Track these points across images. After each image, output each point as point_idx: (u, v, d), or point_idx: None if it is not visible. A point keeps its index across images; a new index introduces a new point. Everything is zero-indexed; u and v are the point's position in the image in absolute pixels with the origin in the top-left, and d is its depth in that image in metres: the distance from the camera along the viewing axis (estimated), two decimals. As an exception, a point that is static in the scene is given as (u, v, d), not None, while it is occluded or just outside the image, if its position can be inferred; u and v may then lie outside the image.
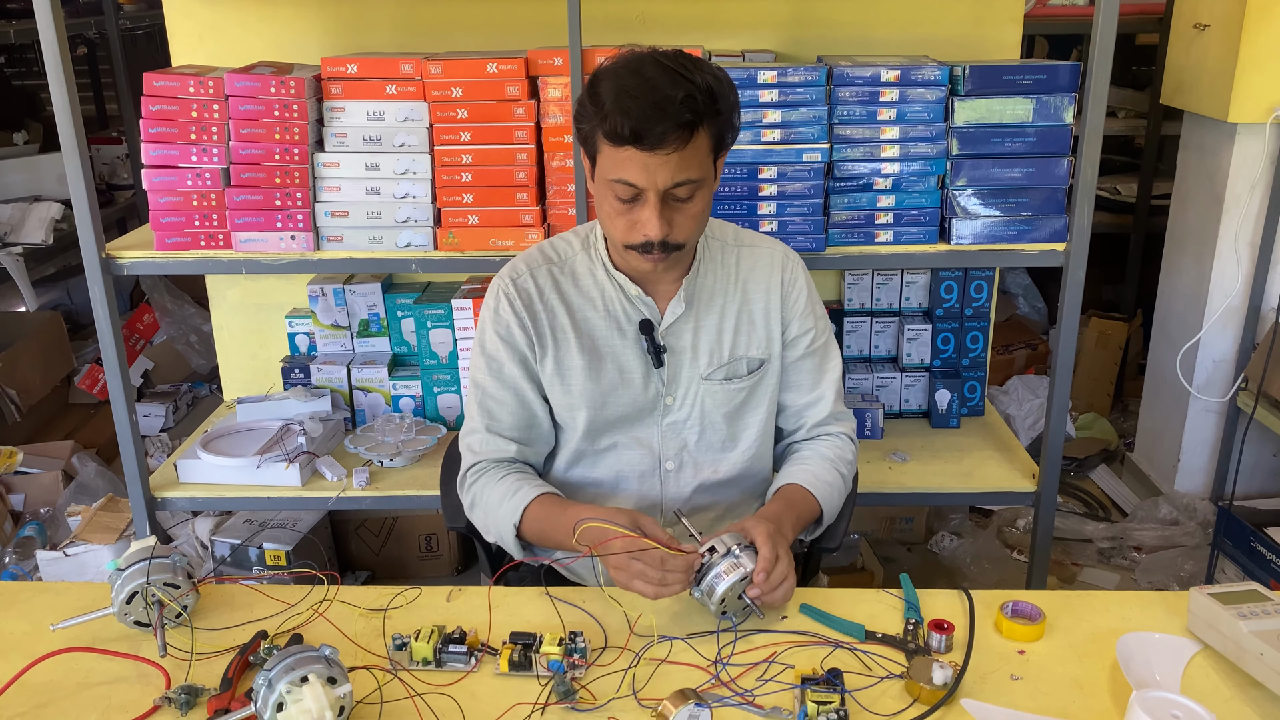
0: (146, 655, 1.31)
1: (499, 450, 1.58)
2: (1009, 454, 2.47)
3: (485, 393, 1.59)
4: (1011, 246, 2.19)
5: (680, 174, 1.39)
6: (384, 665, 1.28)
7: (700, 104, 1.36)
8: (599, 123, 1.38)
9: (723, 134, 1.44)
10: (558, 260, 1.60)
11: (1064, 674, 1.27)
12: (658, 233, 1.42)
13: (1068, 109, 2.12)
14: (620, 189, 1.41)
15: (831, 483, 1.60)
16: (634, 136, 1.36)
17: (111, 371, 2.28)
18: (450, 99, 2.19)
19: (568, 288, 1.58)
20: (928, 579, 2.86)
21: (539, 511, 1.48)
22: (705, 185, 1.44)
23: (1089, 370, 3.89)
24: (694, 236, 1.48)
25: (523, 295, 1.57)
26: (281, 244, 2.24)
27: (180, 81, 2.17)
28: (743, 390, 1.60)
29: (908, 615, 1.38)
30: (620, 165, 1.39)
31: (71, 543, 2.70)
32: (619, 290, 1.57)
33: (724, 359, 1.59)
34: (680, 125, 1.35)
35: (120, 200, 4.68)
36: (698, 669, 1.28)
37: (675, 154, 1.37)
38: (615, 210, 1.44)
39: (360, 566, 2.95)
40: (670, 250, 1.45)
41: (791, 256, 1.63)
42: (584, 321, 1.58)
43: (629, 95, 1.35)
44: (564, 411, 1.60)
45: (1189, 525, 3.00)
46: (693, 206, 1.44)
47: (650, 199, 1.40)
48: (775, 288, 1.60)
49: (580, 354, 1.57)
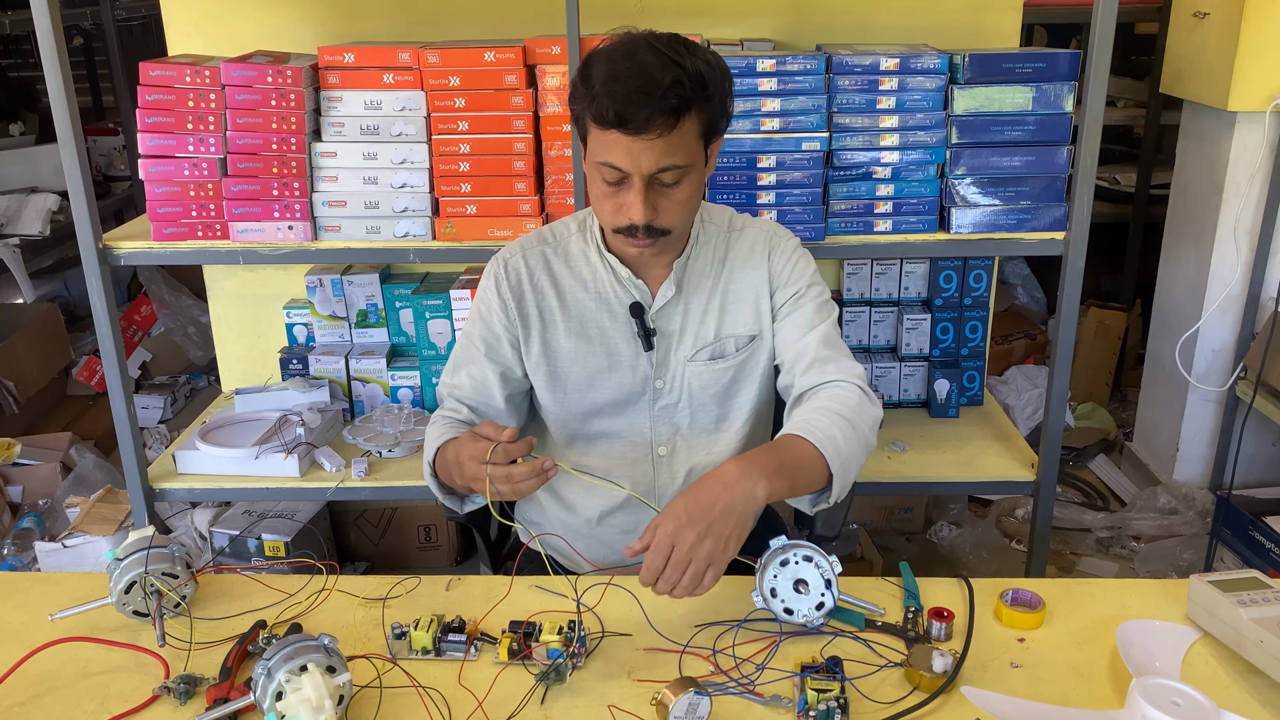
0: (145, 645, 1.31)
1: (454, 410, 1.61)
2: (1008, 443, 2.47)
3: (457, 357, 1.63)
4: (1011, 235, 2.18)
5: (665, 159, 1.38)
6: (383, 654, 1.28)
7: (688, 89, 1.35)
8: (588, 105, 1.38)
9: (713, 120, 1.43)
10: (553, 241, 1.61)
11: (1064, 661, 1.27)
12: (641, 217, 1.41)
13: (1067, 97, 2.12)
14: (607, 172, 1.41)
15: (825, 428, 1.38)
16: (619, 120, 1.35)
17: (109, 363, 2.27)
18: (448, 88, 2.18)
19: (559, 269, 1.59)
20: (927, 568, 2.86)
21: (446, 450, 1.48)
22: (693, 171, 1.43)
23: (1088, 360, 3.89)
24: (682, 222, 1.47)
25: (511, 276, 1.58)
26: (279, 234, 2.23)
27: (176, 71, 2.16)
28: (729, 369, 1.60)
29: (907, 603, 1.37)
30: (606, 148, 1.39)
31: (70, 534, 2.69)
32: (610, 272, 1.57)
33: (709, 339, 1.58)
34: (666, 111, 1.35)
35: (117, 191, 4.67)
36: (697, 656, 1.28)
37: (660, 139, 1.37)
38: (603, 193, 1.44)
39: (359, 557, 2.94)
40: (656, 235, 1.45)
41: (781, 231, 1.62)
42: (574, 303, 1.58)
43: (617, 79, 1.35)
44: (551, 393, 1.60)
45: (1188, 514, 3.01)
46: (679, 192, 1.43)
47: (635, 183, 1.40)
48: (762, 259, 1.59)
49: (568, 336, 1.58)
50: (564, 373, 1.59)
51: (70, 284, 4.50)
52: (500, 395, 1.60)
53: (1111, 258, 4.31)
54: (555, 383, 1.60)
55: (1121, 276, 4.30)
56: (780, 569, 1.31)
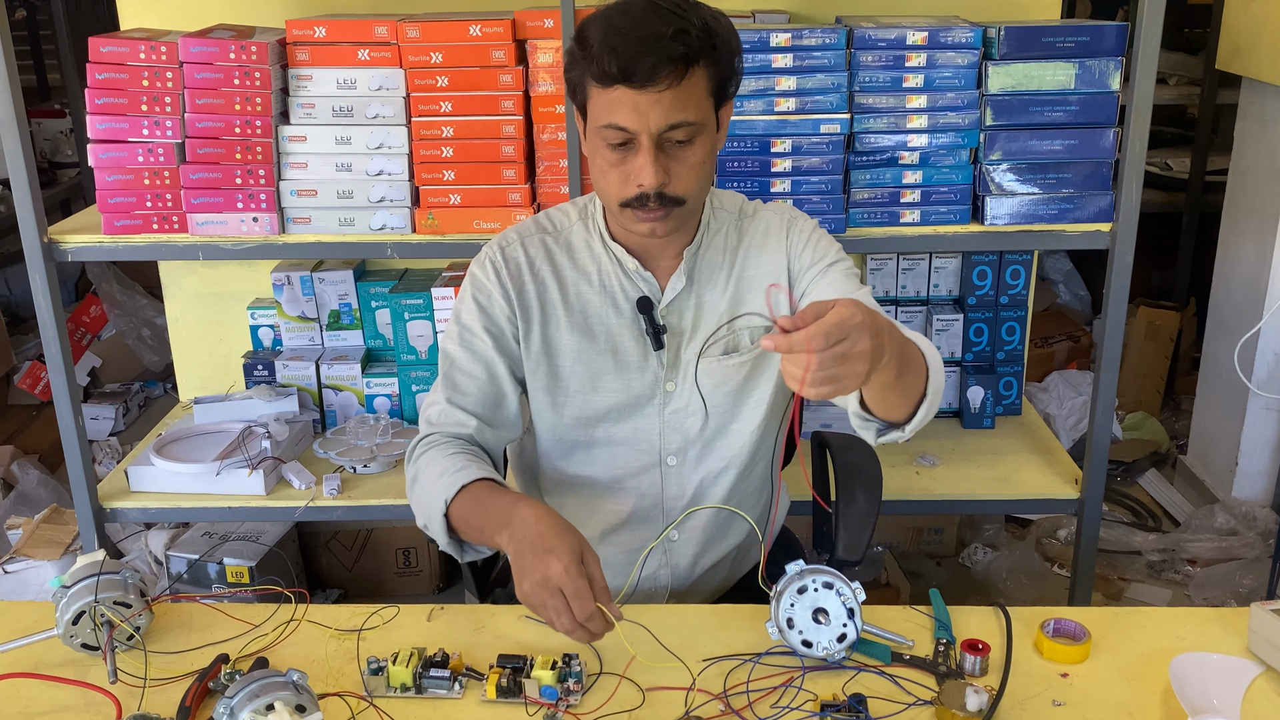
0: (95, 682, 1.30)
1: (458, 424, 1.55)
2: (1049, 457, 2.47)
3: (454, 363, 1.58)
4: (1051, 227, 2.19)
5: (675, 114, 1.39)
6: (358, 692, 1.28)
7: (695, 39, 1.37)
8: (587, 65, 1.39)
9: (723, 78, 1.44)
10: (552, 230, 1.61)
11: (1112, 699, 1.27)
12: (653, 180, 1.41)
13: (1114, 75, 2.12)
14: (611, 134, 1.41)
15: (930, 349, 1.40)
16: (623, 74, 1.36)
17: (55, 369, 2.28)
18: (429, 65, 2.18)
19: (561, 260, 1.59)
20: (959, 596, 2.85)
21: (480, 493, 1.43)
22: (705, 132, 1.44)
23: (1137, 365, 3.89)
24: (695, 191, 1.47)
25: (510, 264, 1.57)
26: (243, 226, 2.24)
27: (130, 47, 2.17)
28: (744, 365, 1.60)
29: (938, 635, 1.37)
30: (610, 108, 1.39)
31: (11, 558, 2.70)
32: (616, 264, 1.57)
33: (722, 333, 1.59)
34: (673, 59, 1.36)
35: (64, 179, 4.68)
36: (706, 694, 1.28)
37: (669, 91, 1.37)
38: (608, 163, 1.44)
39: (331, 584, 2.95)
40: (669, 205, 1.45)
41: (798, 213, 1.63)
42: (577, 297, 1.58)
43: (617, 33, 1.36)
44: (549, 397, 1.60)
45: (1248, 535, 3.01)
46: (692, 154, 1.43)
47: (644, 143, 1.40)
48: (780, 242, 1.60)
49: (570, 332, 1.57)
50: (566, 373, 1.59)
51: (11, 282, 4.50)
52: (514, 396, 1.59)
53: (1163, 251, 4.31)
54: (555, 384, 1.59)
55: (1174, 272, 4.30)
56: (798, 597, 1.31)
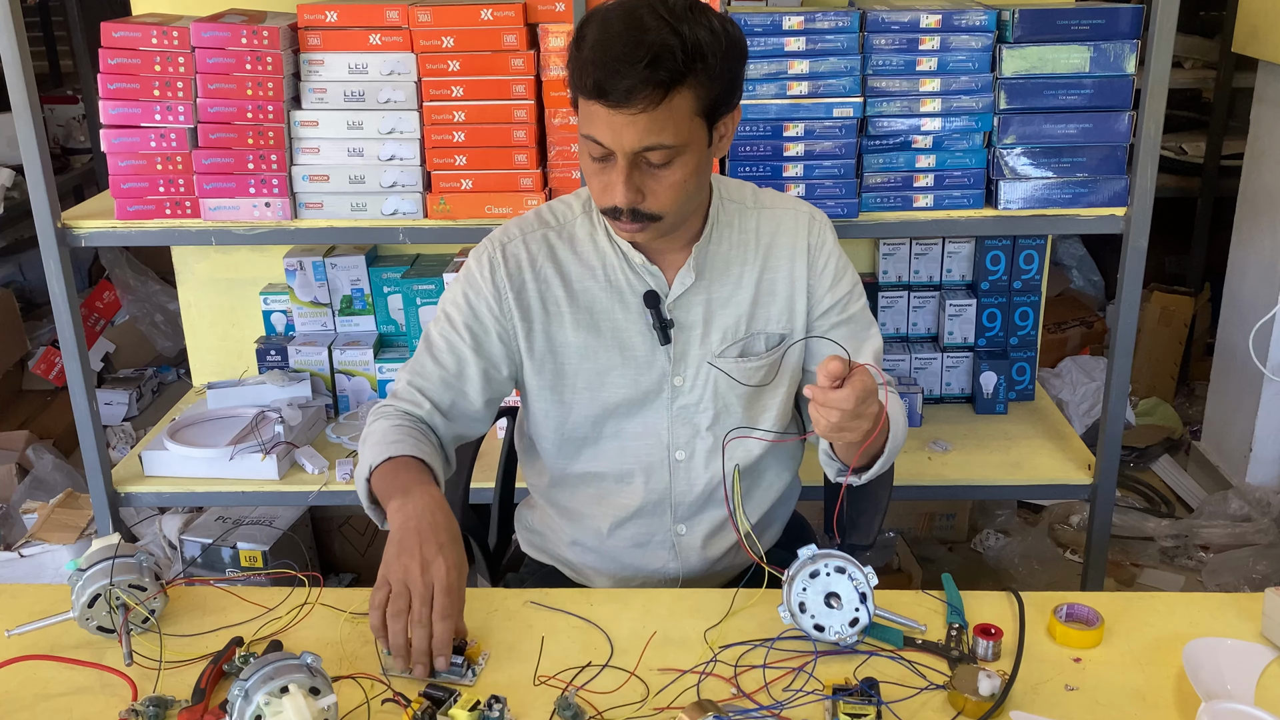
0: (111, 664, 1.31)
1: (414, 404, 1.56)
2: (1062, 443, 2.47)
3: (429, 346, 1.57)
4: (1065, 212, 2.18)
5: (650, 137, 1.36)
6: (373, 674, 1.29)
7: (679, 60, 1.33)
8: (575, 70, 1.38)
9: (713, 97, 1.39)
10: (555, 224, 1.59)
11: (1125, 684, 1.27)
12: (625, 200, 1.40)
13: (1129, 58, 2.11)
14: (591, 146, 1.40)
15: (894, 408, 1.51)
16: (598, 91, 1.34)
17: (69, 355, 2.29)
18: (440, 49, 2.18)
19: (565, 255, 1.57)
20: (972, 581, 2.86)
21: (400, 465, 1.43)
22: (687, 153, 1.40)
23: (1151, 350, 3.87)
24: (676, 208, 1.44)
25: (510, 263, 1.55)
26: (255, 212, 2.24)
27: (142, 32, 2.17)
28: (760, 368, 1.59)
29: (951, 619, 1.37)
30: (589, 120, 1.38)
31: (27, 542, 2.71)
32: (622, 258, 1.55)
33: (740, 334, 1.57)
34: (652, 83, 1.32)
35: (77, 165, 4.68)
36: (718, 678, 1.28)
37: (644, 115, 1.34)
38: (590, 169, 1.44)
39: (344, 568, 2.96)
40: (644, 220, 1.43)
41: (818, 217, 1.61)
42: (582, 292, 1.56)
43: (603, 44, 1.33)
44: (555, 395, 1.59)
45: (1262, 522, 3.00)
46: (669, 174, 1.41)
47: (618, 161, 1.39)
48: (801, 253, 1.58)
49: (576, 329, 1.56)
50: (572, 371, 1.58)
51: (25, 268, 4.52)
52: (479, 396, 1.57)
53: (1177, 236, 4.29)
54: (562, 383, 1.58)
55: (1189, 257, 4.28)
56: (810, 581, 1.31)
